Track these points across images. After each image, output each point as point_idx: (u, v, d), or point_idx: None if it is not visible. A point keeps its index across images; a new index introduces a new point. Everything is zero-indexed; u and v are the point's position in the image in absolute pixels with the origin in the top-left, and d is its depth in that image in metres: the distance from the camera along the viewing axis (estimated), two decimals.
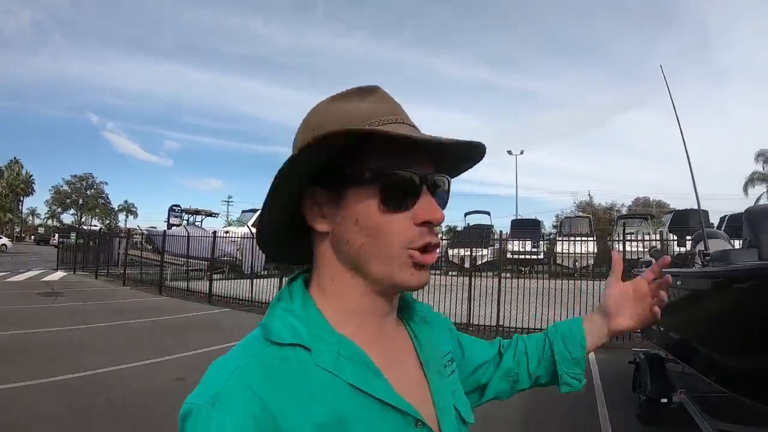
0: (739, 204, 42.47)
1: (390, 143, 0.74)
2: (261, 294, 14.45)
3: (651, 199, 53.59)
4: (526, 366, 1.17)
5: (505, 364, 1.17)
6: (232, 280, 16.02)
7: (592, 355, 8.96)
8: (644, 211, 36.89)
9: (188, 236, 17.52)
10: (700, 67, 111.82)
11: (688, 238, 15.65)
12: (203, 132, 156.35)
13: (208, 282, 15.83)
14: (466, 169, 0.95)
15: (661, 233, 20.47)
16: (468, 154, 0.88)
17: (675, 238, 17.29)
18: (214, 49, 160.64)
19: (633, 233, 18.31)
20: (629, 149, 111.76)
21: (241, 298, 14.82)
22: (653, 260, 6.97)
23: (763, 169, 45.36)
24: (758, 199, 42.72)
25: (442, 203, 0.84)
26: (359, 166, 0.76)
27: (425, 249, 0.79)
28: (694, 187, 4.65)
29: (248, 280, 14.94)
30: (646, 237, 16.19)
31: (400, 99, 0.84)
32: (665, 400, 5.12)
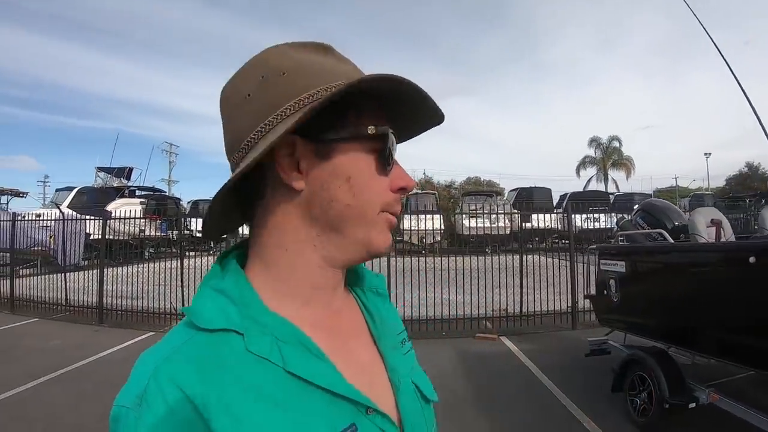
0: (573, 184, 47.10)
1: (377, 102, 0.72)
2: (80, 293, 10.88)
3: (482, 179, 54.85)
4: None
5: None
6: (46, 276, 12.07)
7: (514, 347, 7.75)
8: (488, 189, 37.48)
9: None
10: (535, 59, 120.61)
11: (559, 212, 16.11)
12: (11, 102, 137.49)
13: (9, 282, 11.81)
14: (407, 138, 0.86)
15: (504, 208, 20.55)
16: (425, 121, 0.82)
17: (518, 213, 17.13)
18: (23, 7, 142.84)
19: (479, 209, 18.18)
20: (456, 133, 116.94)
21: (54, 301, 11.21)
22: (623, 233, 5.86)
23: (595, 153, 50.64)
24: (589, 180, 49.04)
25: None
26: (357, 120, 0.71)
27: (393, 213, 0.76)
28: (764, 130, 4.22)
29: (63, 278, 11.34)
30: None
31: (224, 72, 0.78)
32: (693, 405, 4.25)
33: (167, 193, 33.81)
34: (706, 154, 50.54)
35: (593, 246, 6.78)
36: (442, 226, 20.99)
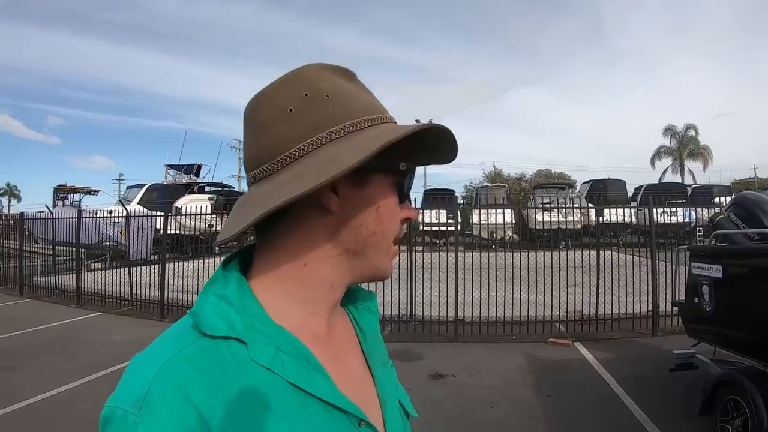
0: (647, 176, 45.87)
1: (407, 138, 0.70)
2: (145, 288, 10.94)
3: (552, 171, 53.78)
4: None
5: None
6: (113, 270, 12.55)
7: (588, 355, 7.22)
8: (560, 182, 36.56)
9: (53, 219, 13.80)
10: (606, 46, 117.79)
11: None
12: (89, 107, 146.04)
13: (75, 277, 12.01)
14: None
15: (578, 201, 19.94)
16: (437, 159, 0.85)
17: (591, 206, 16.48)
18: (98, 17, 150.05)
19: (551, 202, 17.61)
20: (525, 124, 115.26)
21: (119, 295, 11.33)
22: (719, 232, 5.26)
23: (670, 143, 48.51)
24: (664, 172, 47.19)
25: None
26: (393, 154, 0.72)
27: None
28: None
29: (127, 272, 11.53)
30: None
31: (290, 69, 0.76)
32: None
33: (236, 189, 34.32)
34: None
35: (684, 246, 6.13)
36: (513, 220, 20.43)
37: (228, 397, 0.61)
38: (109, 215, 14.62)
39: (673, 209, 15.84)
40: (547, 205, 17.77)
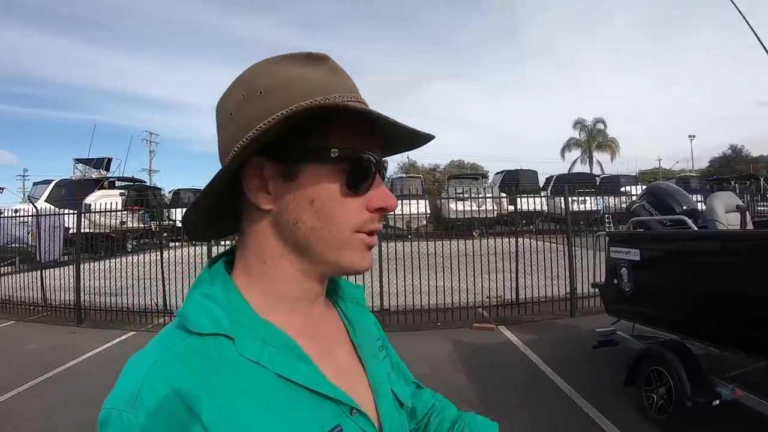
0: (558, 167, 47.37)
1: (350, 122, 0.70)
2: (59, 291, 10.19)
3: (465, 162, 54.95)
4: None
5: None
6: (24, 275, 11.39)
7: (513, 337, 7.49)
8: (473, 172, 37.29)
9: None
10: (518, 41, 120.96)
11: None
12: None
13: None
14: (395, 153, 0.85)
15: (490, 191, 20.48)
16: (409, 141, 0.80)
17: (505, 196, 17.02)
18: None
19: (465, 192, 18.00)
20: (439, 116, 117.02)
21: (32, 301, 10.53)
22: (636, 219, 5.60)
23: (579, 135, 50.51)
24: (573, 163, 49.41)
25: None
26: (322, 143, 0.70)
27: (370, 233, 0.76)
28: None
29: (40, 275, 10.69)
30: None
31: (205, 60, 0.45)
32: (716, 402, 4.02)
33: (147, 183, 33.15)
34: (690, 136, 51.17)
35: (602, 232, 6.51)
36: (428, 210, 20.75)
37: (217, 391, 0.62)
38: (16, 215, 13.82)
39: (584, 198, 16.48)
40: (462, 195, 18.12)
